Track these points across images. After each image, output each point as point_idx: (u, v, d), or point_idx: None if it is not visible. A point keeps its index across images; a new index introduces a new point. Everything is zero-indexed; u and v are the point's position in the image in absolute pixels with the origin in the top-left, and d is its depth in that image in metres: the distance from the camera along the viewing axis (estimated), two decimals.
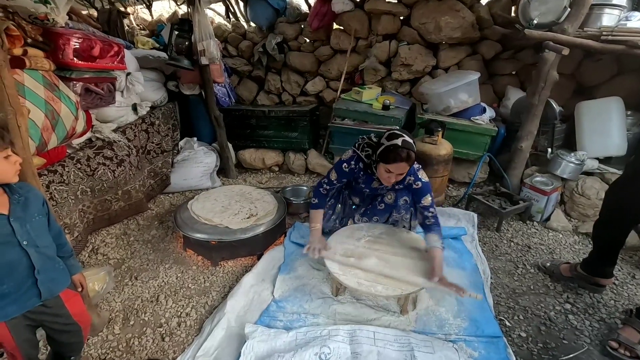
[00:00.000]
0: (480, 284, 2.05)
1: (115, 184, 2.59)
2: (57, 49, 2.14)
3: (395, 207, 2.17)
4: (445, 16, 3.26)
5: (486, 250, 2.44)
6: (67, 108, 2.09)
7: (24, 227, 1.19)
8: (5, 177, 1.13)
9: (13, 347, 1.23)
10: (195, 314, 1.91)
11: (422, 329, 1.77)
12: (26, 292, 1.22)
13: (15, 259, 1.18)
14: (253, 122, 3.66)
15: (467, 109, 3.12)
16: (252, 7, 3.88)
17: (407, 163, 1.82)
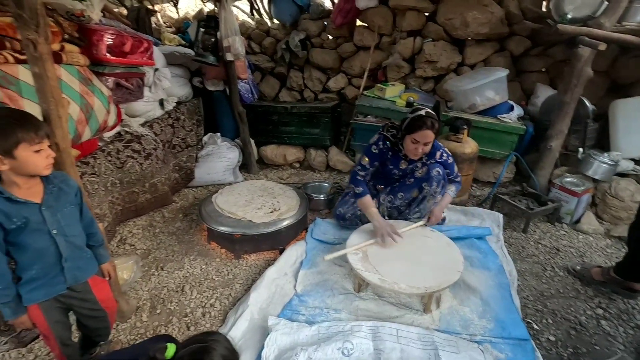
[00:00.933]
0: (506, 285, 2.00)
1: (142, 176, 2.66)
2: (92, 44, 2.21)
3: (427, 179, 2.19)
4: (473, 11, 3.19)
5: (512, 251, 2.38)
6: (100, 102, 2.15)
7: (54, 216, 1.24)
8: (35, 169, 1.16)
9: (45, 327, 1.29)
10: (219, 305, 1.94)
11: (445, 328, 1.75)
12: (53, 278, 1.28)
13: (45, 246, 1.23)
14: (275, 119, 3.69)
15: (494, 106, 3.04)
16: (276, 4, 3.90)
17: (431, 131, 1.96)
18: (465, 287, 1.99)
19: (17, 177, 1.15)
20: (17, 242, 1.17)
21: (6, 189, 1.14)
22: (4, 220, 1.12)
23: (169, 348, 0.91)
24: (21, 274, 1.21)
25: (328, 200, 2.87)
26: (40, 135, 1.14)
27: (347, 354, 1.56)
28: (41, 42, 1.13)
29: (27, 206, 1.17)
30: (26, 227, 1.17)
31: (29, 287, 1.22)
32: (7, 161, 1.09)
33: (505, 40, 3.42)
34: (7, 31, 1.69)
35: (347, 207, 2.42)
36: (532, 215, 2.54)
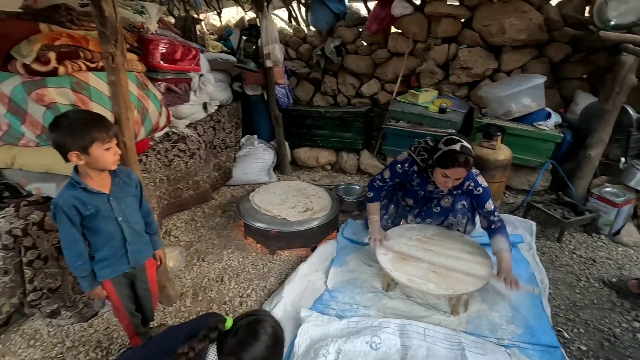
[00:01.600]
0: (537, 294, 2.00)
1: (186, 174, 2.87)
2: (148, 53, 2.44)
3: (452, 210, 2.18)
4: (510, 18, 3.17)
5: (545, 260, 2.36)
6: (153, 105, 2.37)
7: (120, 205, 1.42)
8: (104, 164, 1.34)
9: (117, 300, 1.49)
10: (255, 295, 2.08)
11: (473, 330, 1.78)
12: (120, 258, 1.47)
13: (113, 231, 1.42)
14: (309, 122, 3.83)
15: (530, 113, 3.01)
16: (314, 12, 4.05)
17: (464, 168, 1.85)
18: (494, 293, 2.01)
19: (91, 170, 1.33)
20: (90, 226, 1.36)
21: (82, 181, 1.33)
22: (81, 207, 1.31)
23: (227, 320, 1.06)
24: (94, 254, 1.40)
25: (359, 202, 2.95)
26: (110, 135, 1.32)
27: (375, 348, 1.64)
28: (118, 55, 1.31)
29: (98, 196, 1.36)
30: (98, 214, 1.35)
31: (100, 265, 1.41)
32: (84, 157, 1.27)
33: (544, 46, 3.36)
34: (82, 43, 1.93)
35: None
36: (567, 224, 2.49)
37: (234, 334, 1.09)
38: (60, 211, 1.27)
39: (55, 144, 1.26)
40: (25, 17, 1.98)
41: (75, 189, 1.31)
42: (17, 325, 1.89)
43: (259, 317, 1.15)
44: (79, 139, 1.25)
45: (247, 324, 1.11)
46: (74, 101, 1.88)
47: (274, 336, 1.13)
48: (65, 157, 1.27)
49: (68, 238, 1.32)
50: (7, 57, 1.80)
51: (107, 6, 1.21)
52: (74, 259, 1.34)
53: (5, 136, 1.97)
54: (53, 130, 1.26)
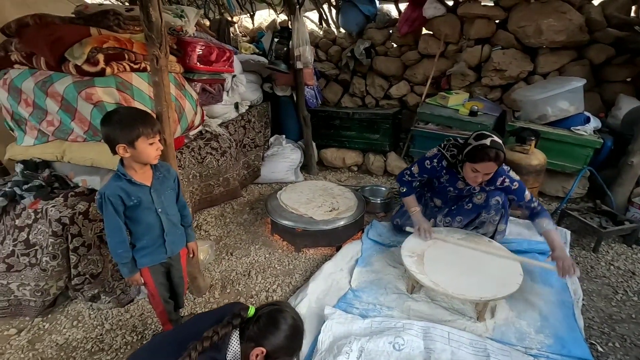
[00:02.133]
0: (569, 304, 1.93)
1: (217, 171, 2.98)
2: (186, 55, 2.56)
3: (485, 207, 2.15)
4: (549, 18, 3.07)
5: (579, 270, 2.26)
6: (190, 104, 2.48)
7: (160, 198, 1.52)
8: (147, 159, 1.43)
9: (153, 287, 1.59)
10: (281, 291, 2.13)
11: (499, 338, 1.74)
12: (158, 248, 1.56)
13: (152, 222, 1.51)
14: (337, 123, 3.86)
15: (567, 117, 2.89)
16: (344, 14, 4.08)
17: (495, 163, 1.85)
18: (523, 301, 1.96)
19: (135, 164, 1.43)
20: (132, 216, 1.46)
21: (127, 173, 1.43)
22: (125, 197, 1.41)
23: (250, 308, 1.13)
24: (135, 243, 1.50)
25: (385, 204, 2.95)
26: (154, 131, 1.42)
27: (398, 348, 1.64)
28: (162, 57, 1.40)
29: (141, 188, 1.45)
30: (140, 205, 1.45)
31: (140, 253, 1.51)
32: (130, 150, 1.37)
33: (585, 48, 3.22)
34: (127, 45, 2.06)
35: (404, 220, 2.43)
36: (605, 234, 2.38)
37: (255, 322, 1.16)
38: (106, 200, 1.37)
39: (105, 137, 1.37)
40: (78, 21, 2.13)
41: (121, 180, 1.41)
42: (62, 307, 2.04)
43: (280, 307, 1.21)
44: (127, 133, 1.34)
45: (269, 312, 1.18)
46: (118, 100, 2.01)
47: (293, 326, 1.19)
48: (113, 149, 1.37)
49: (112, 226, 1.41)
50: (62, 59, 1.95)
51: (154, 11, 1.30)
52: (117, 246, 1.43)
53: (57, 132, 2.14)
54: (104, 124, 1.36)
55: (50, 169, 2.24)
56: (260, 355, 1.14)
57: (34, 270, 1.94)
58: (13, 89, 2.10)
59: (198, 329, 1.17)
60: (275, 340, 1.15)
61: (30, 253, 1.94)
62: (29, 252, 1.94)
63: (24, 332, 1.87)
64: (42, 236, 1.93)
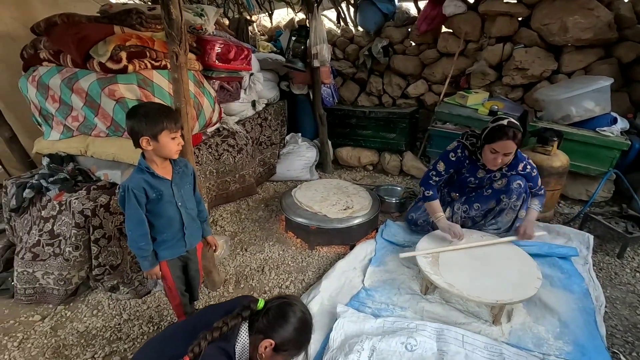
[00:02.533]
0: (591, 311, 1.86)
1: (234, 168, 3.02)
2: (205, 53, 2.61)
3: (506, 191, 2.14)
4: (575, 15, 2.96)
5: (602, 276, 2.19)
6: (208, 102, 2.53)
7: (179, 192, 1.55)
8: (169, 153, 1.46)
9: (170, 281, 1.62)
10: (293, 287, 2.14)
11: (516, 343, 1.70)
12: (178, 241, 1.60)
13: (173, 215, 1.55)
14: (353, 122, 3.84)
15: (593, 118, 2.79)
16: (362, 12, 4.06)
17: (513, 141, 1.88)
18: (541, 306, 1.90)
19: (156, 157, 1.46)
20: (154, 210, 1.48)
21: (150, 166, 1.46)
22: (149, 190, 1.44)
23: (259, 301, 1.15)
24: (156, 236, 1.52)
25: (400, 204, 2.93)
26: (177, 125, 1.45)
27: (410, 349, 1.62)
28: (181, 54, 1.43)
29: (163, 181, 1.49)
30: (161, 198, 1.48)
31: (161, 247, 1.54)
32: (153, 143, 1.40)
33: (613, 46, 3.10)
34: (149, 43, 2.11)
35: (419, 213, 2.46)
36: (630, 239, 2.29)
37: (265, 314, 1.19)
38: (130, 193, 1.40)
39: (130, 129, 1.40)
40: (103, 20, 2.20)
41: (144, 173, 1.44)
42: (84, 296, 2.11)
43: (289, 300, 1.23)
44: (152, 126, 1.38)
45: (278, 305, 1.20)
46: (139, 96, 2.06)
47: (302, 319, 1.21)
48: (137, 142, 1.40)
49: (135, 219, 1.44)
50: (87, 57, 2.01)
51: (174, 9, 1.32)
52: (139, 239, 1.46)
53: (81, 127, 2.21)
54: (130, 117, 1.40)
55: (75, 163, 2.33)
56: (269, 347, 1.16)
57: (57, 259, 2.01)
58: (41, 85, 2.19)
59: (208, 320, 1.20)
60: (284, 332, 1.17)
61: (54, 243, 2.02)
62: (53, 242, 2.02)
63: (48, 319, 1.95)
64: (66, 227, 2.00)
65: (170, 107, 1.46)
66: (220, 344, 1.13)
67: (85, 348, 1.77)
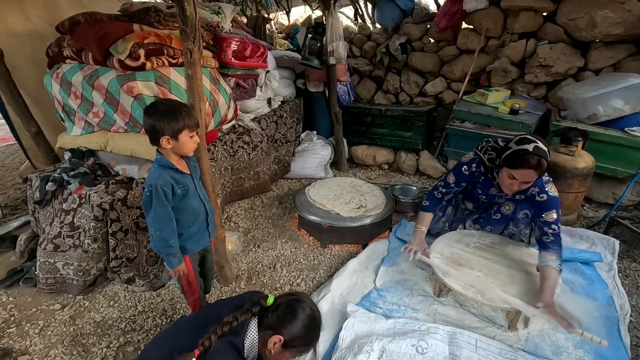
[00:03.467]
0: (614, 319, 1.78)
1: (249, 165, 3.04)
2: (221, 50, 2.63)
3: (513, 219, 2.04)
4: (604, 10, 2.83)
5: (628, 284, 2.08)
6: (223, 99, 2.55)
7: (198, 184, 1.60)
8: (187, 151, 1.47)
9: (192, 275, 1.65)
10: (305, 285, 2.14)
11: (532, 350, 1.64)
12: (203, 233, 1.64)
13: (198, 208, 1.58)
14: (369, 120, 3.81)
15: (621, 117, 2.66)
16: (380, 9, 4.01)
17: (535, 171, 1.68)
18: (561, 312, 1.80)
19: (173, 155, 1.48)
20: (179, 206, 1.49)
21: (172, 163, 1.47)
22: (175, 186, 1.45)
23: (269, 297, 1.16)
24: (182, 232, 1.53)
25: (415, 203, 2.87)
26: (195, 124, 1.46)
27: (421, 352, 1.59)
28: (195, 51, 1.44)
29: (186, 176, 1.52)
30: (187, 192, 1.50)
31: (191, 240, 1.57)
32: (172, 142, 1.40)
33: None
34: (166, 41, 2.14)
35: (433, 224, 2.32)
36: None
37: (274, 310, 1.20)
38: (158, 191, 1.38)
39: (150, 127, 1.37)
40: (123, 19, 2.25)
41: (168, 170, 1.44)
42: (101, 287, 2.17)
43: (298, 297, 1.24)
44: (173, 124, 1.37)
45: (287, 302, 1.21)
46: (156, 93, 2.10)
47: (311, 316, 1.22)
48: (156, 140, 1.39)
49: (164, 216, 1.42)
50: (107, 54, 2.07)
51: (188, 6, 1.34)
52: (169, 236, 1.44)
53: (101, 123, 2.27)
54: (150, 115, 1.37)
55: (95, 158, 2.40)
56: (278, 343, 1.17)
57: (77, 251, 2.08)
58: (64, 82, 2.26)
59: (219, 314, 1.21)
60: (293, 329, 1.18)
61: (74, 235, 2.09)
62: (73, 234, 2.08)
63: (67, 308, 2.02)
64: (85, 220, 2.06)
65: (188, 105, 1.47)
66: (230, 339, 1.14)
67: (101, 337, 1.82)
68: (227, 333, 1.12)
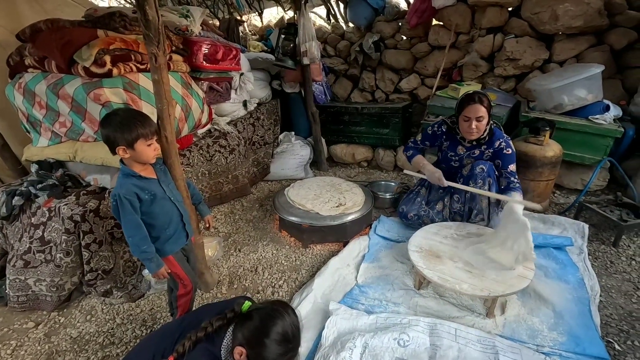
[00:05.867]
0: (586, 300, 1.85)
1: (226, 169, 3.01)
2: (192, 54, 2.59)
3: (471, 176, 2.19)
4: (565, 3, 2.93)
5: (597, 265, 2.17)
6: (196, 103, 2.52)
7: (168, 187, 1.58)
8: (146, 159, 1.47)
9: (181, 272, 1.64)
10: (287, 286, 2.14)
11: (509, 335, 1.69)
12: (180, 233, 1.63)
13: (171, 210, 1.58)
14: (346, 119, 3.83)
15: (585, 106, 2.76)
16: (352, 8, 4.03)
17: (481, 105, 2.05)
18: (536, 297, 1.89)
19: (135, 163, 1.47)
20: (150, 211, 1.48)
21: (134, 170, 1.46)
22: (141, 193, 1.44)
23: (245, 303, 1.13)
24: (159, 235, 1.53)
25: (394, 199, 2.91)
26: (152, 132, 1.46)
27: (403, 345, 1.61)
28: (160, 55, 1.42)
29: (151, 182, 1.50)
30: (155, 197, 1.49)
31: (169, 242, 1.57)
32: (129, 151, 1.41)
33: (604, 33, 3.06)
34: (133, 46, 2.10)
35: (410, 206, 2.46)
36: (625, 227, 2.27)
37: (248, 320, 1.14)
38: (123, 200, 1.39)
39: (105, 138, 1.40)
40: (87, 24, 2.19)
41: (131, 178, 1.44)
42: (77, 302, 2.11)
43: (274, 313, 1.16)
44: (127, 135, 1.38)
45: (262, 315, 1.14)
46: (125, 100, 2.05)
47: (283, 335, 1.14)
48: (113, 150, 1.41)
49: (133, 224, 1.43)
50: (71, 62, 2.01)
51: (150, 10, 1.31)
52: (141, 243, 1.45)
53: (69, 132, 2.21)
54: (104, 126, 1.40)
55: (64, 169, 2.32)
56: (243, 354, 1.12)
57: (49, 266, 2.01)
58: (27, 92, 2.18)
59: (201, 319, 1.19)
60: (262, 349, 1.12)
61: (45, 250, 2.02)
62: (44, 249, 2.01)
63: (41, 326, 1.95)
64: (56, 233, 2.00)
65: (144, 114, 1.46)
66: (206, 345, 1.13)
67: (78, 354, 1.76)
68: (202, 339, 1.10)
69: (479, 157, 2.26)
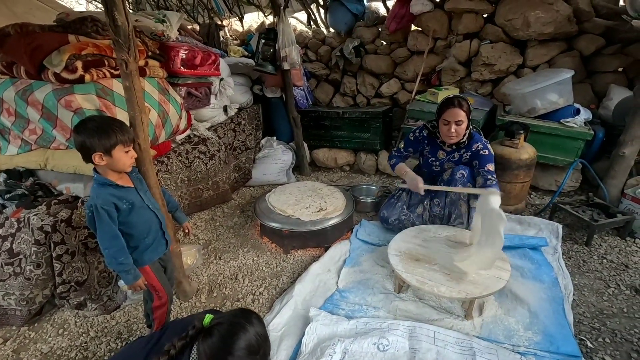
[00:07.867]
0: (559, 299, 1.90)
1: (206, 175, 2.97)
2: (169, 59, 2.55)
3: (451, 181, 2.23)
4: (536, 10, 3.03)
5: (571, 264, 2.23)
6: (174, 109, 2.48)
7: (146, 195, 1.55)
8: (123, 167, 1.44)
9: (157, 283, 1.60)
10: (267, 293, 2.11)
11: (487, 336, 1.72)
12: (159, 241, 1.60)
13: (150, 218, 1.55)
14: (328, 123, 3.84)
15: (557, 110, 2.86)
16: (332, 13, 4.06)
17: (459, 109, 2.08)
18: (512, 298, 1.93)
19: (110, 172, 1.42)
20: (128, 220, 1.45)
21: (110, 179, 1.42)
22: (118, 202, 1.40)
23: (206, 317, 1.09)
24: (138, 244, 1.49)
25: (375, 203, 2.93)
26: (130, 139, 1.43)
27: (383, 349, 1.62)
28: (131, 61, 1.39)
29: (129, 190, 1.47)
30: (133, 206, 1.45)
31: (147, 251, 1.53)
32: (106, 158, 1.37)
33: (574, 39, 3.18)
34: (106, 52, 2.05)
35: (390, 211, 2.48)
36: (597, 227, 2.34)
37: (209, 335, 1.06)
38: (100, 211, 1.35)
39: (80, 144, 1.35)
40: (57, 29, 2.13)
41: (107, 187, 1.40)
42: (49, 315, 2.03)
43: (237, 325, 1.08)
44: (105, 141, 1.34)
45: (225, 331, 1.06)
46: (99, 106, 2.00)
47: (247, 348, 1.06)
48: (88, 158, 1.36)
49: (110, 235, 1.38)
50: (41, 67, 1.94)
51: (119, 15, 1.28)
52: (118, 254, 1.40)
53: (39, 140, 2.13)
54: (79, 132, 1.34)
55: (34, 178, 2.24)
56: None
57: (18, 279, 1.93)
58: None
59: (170, 336, 1.16)
60: None
61: (14, 262, 1.93)
62: (12, 261, 1.93)
63: (10, 342, 1.87)
64: (26, 245, 1.92)
65: (121, 120, 1.43)
66: None
67: None
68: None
69: (458, 161, 2.30)
